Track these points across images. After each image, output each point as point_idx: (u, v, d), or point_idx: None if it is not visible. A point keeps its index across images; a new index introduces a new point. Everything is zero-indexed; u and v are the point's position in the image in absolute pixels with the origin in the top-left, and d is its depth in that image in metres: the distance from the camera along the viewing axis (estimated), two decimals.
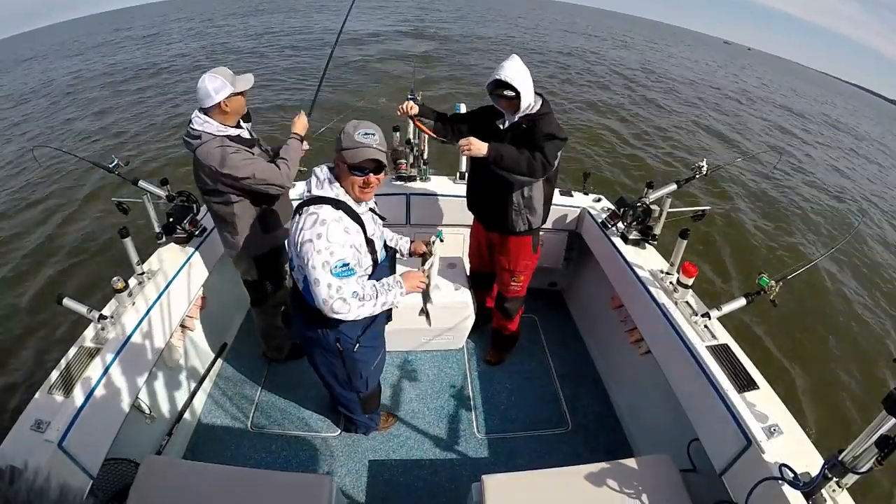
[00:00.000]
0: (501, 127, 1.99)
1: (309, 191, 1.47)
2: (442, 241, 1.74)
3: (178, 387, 2.27)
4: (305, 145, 2.12)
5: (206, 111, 1.80)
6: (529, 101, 1.87)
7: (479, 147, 1.81)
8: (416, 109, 2.09)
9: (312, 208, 1.40)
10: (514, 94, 1.80)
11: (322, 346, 1.70)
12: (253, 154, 1.88)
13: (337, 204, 1.42)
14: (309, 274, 1.36)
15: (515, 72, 1.79)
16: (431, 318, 1.84)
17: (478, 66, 14.43)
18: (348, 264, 1.37)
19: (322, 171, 1.48)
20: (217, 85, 1.75)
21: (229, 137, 1.83)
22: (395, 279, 1.54)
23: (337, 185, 1.45)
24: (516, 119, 1.93)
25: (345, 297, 1.37)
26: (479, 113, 2.14)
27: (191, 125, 1.82)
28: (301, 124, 2.09)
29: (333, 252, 1.34)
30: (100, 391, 1.58)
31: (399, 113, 2.10)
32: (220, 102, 1.77)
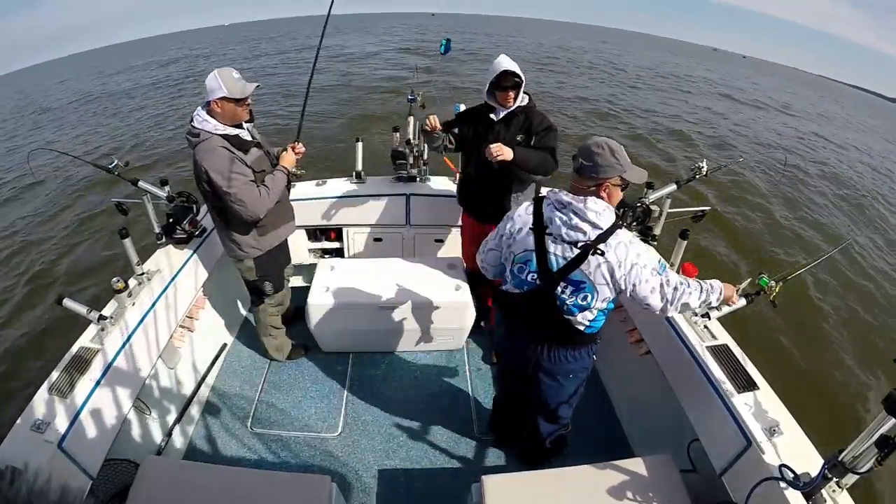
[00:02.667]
0: (495, 118, 2.12)
1: (593, 226, 1.35)
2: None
3: (178, 387, 2.27)
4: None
5: (206, 108, 1.82)
6: (521, 93, 2.07)
7: (508, 153, 1.94)
8: (439, 125, 2.18)
9: (613, 240, 1.34)
10: (520, 80, 1.98)
11: (581, 373, 1.68)
12: (246, 164, 1.86)
13: (618, 224, 1.39)
14: (641, 290, 1.37)
15: (514, 64, 1.98)
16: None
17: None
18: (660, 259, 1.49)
19: (596, 204, 1.35)
20: (213, 85, 1.75)
21: (227, 137, 1.83)
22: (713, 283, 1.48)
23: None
24: (509, 109, 2.09)
25: (675, 286, 1.40)
26: (468, 113, 2.28)
27: (192, 122, 1.82)
28: (289, 159, 2.07)
29: (650, 256, 1.39)
30: (100, 392, 1.59)
31: (428, 128, 2.17)
32: (211, 102, 1.78)
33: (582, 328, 1.49)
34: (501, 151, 1.91)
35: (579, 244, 1.35)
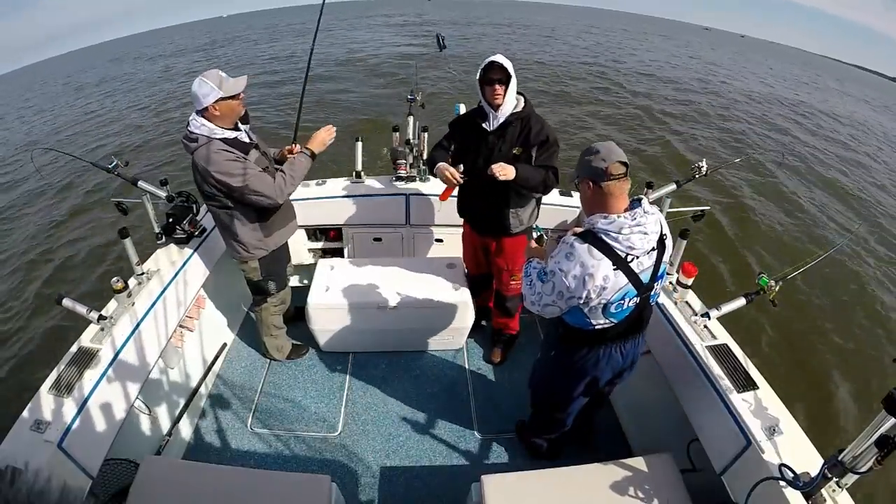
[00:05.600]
0: (488, 128, 2.01)
1: (656, 219, 1.39)
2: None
3: (178, 387, 2.27)
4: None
5: (201, 113, 1.80)
6: (514, 96, 1.94)
7: (511, 173, 1.86)
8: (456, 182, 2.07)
9: (659, 216, 1.45)
10: (508, 74, 1.86)
11: None
12: (248, 160, 1.86)
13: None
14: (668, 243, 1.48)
15: (504, 59, 1.88)
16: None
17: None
18: None
19: (646, 201, 1.40)
20: (205, 90, 1.74)
21: (226, 140, 1.82)
22: None
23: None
24: (503, 119, 1.97)
25: None
26: (459, 125, 2.17)
27: (189, 127, 1.81)
28: (319, 140, 2.01)
29: None
30: (99, 391, 1.59)
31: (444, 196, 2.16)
32: (208, 107, 1.77)
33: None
34: (504, 172, 1.84)
35: (656, 240, 1.38)
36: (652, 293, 1.45)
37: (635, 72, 17.78)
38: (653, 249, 1.38)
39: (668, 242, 1.44)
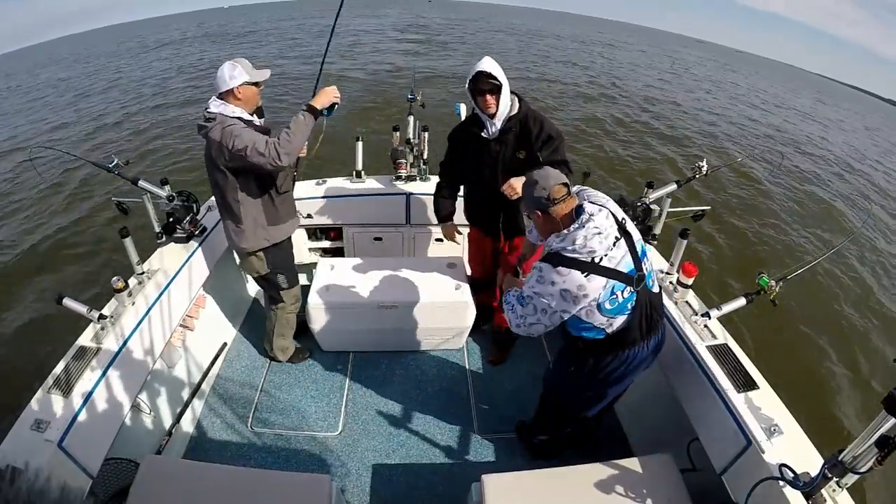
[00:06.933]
0: (487, 136, 1.98)
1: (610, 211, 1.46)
2: None
3: (178, 386, 2.27)
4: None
5: (221, 96, 1.84)
6: (507, 99, 1.89)
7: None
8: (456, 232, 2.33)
9: (607, 204, 1.50)
10: (497, 83, 1.81)
11: None
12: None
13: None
14: None
15: (493, 66, 1.82)
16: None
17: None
18: None
19: (598, 196, 1.49)
20: (235, 72, 1.80)
21: (242, 120, 1.85)
22: None
23: None
24: (500, 125, 1.93)
25: None
26: (457, 138, 2.15)
27: (207, 109, 1.84)
28: (324, 96, 1.87)
29: None
30: (100, 391, 1.59)
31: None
32: (233, 88, 1.81)
33: (657, 289, 1.57)
34: (517, 192, 1.82)
35: (617, 229, 1.41)
36: (646, 276, 1.46)
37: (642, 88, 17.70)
38: (617, 239, 1.40)
39: (631, 226, 1.47)
